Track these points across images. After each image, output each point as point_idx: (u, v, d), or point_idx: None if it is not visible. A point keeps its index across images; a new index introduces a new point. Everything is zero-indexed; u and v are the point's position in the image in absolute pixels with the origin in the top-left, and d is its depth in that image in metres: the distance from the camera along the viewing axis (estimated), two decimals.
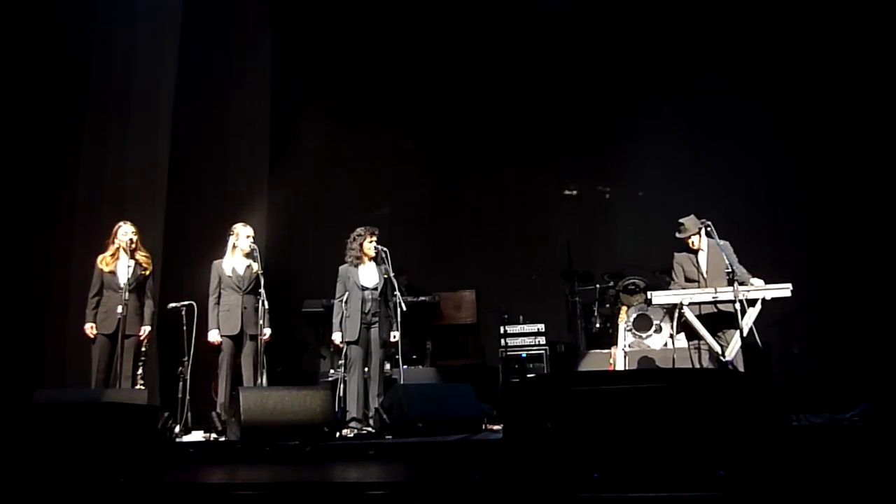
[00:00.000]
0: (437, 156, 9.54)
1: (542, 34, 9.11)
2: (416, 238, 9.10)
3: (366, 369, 5.63)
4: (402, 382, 5.81)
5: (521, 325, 7.28)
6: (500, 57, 9.27)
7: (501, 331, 7.21)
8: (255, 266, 5.73)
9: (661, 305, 5.56)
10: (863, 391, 5.22)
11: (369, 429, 5.40)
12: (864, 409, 4.74)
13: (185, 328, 5.65)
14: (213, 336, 5.60)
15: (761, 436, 2.81)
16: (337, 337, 5.65)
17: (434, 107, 9.45)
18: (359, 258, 5.74)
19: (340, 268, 5.77)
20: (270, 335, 5.69)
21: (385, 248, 5.79)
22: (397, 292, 5.68)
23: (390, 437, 5.05)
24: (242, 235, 5.80)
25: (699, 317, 5.29)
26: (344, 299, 5.63)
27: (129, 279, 5.52)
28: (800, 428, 4.10)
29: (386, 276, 5.73)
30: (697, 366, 5.35)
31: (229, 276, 5.69)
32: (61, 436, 3.32)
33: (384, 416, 5.23)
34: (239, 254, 5.78)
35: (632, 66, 8.92)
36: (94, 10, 7.12)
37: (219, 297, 5.66)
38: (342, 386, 5.89)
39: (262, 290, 5.60)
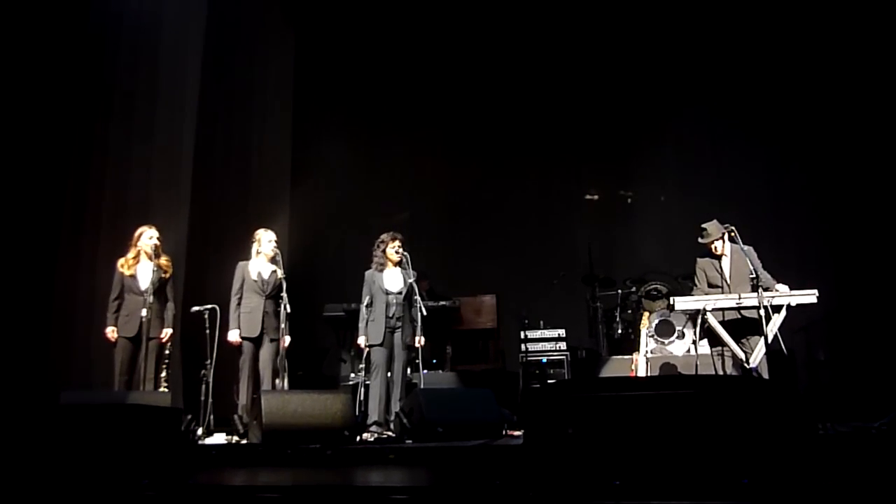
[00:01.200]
0: (458, 161, 9.53)
1: (563, 40, 9.09)
2: (437, 243, 9.11)
3: (388, 373, 5.66)
4: (422, 387, 5.81)
5: (542, 331, 7.25)
6: (521, 62, 9.26)
7: (522, 336, 7.18)
8: (280, 272, 5.77)
9: (683, 311, 5.50)
10: (891, 400, 5.12)
11: (389, 433, 5.41)
12: (892, 418, 4.65)
13: (208, 331, 5.70)
14: (233, 336, 5.64)
15: (786, 444, 2.77)
16: (363, 341, 5.69)
17: (455, 112, 9.46)
18: (383, 264, 5.78)
19: (366, 273, 5.82)
20: (290, 342, 5.70)
21: (406, 254, 5.82)
22: (417, 296, 5.71)
23: (410, 441, 5.05)
24: (265, 240, 5.84)
25: (723, 323, 5.23)
26: (366, 303, 5.68)
27: (152, 282, 5.59)
28: (826, 437, 4.03)
29: (409, 280, 5.76)
30: (721, 372, 5.28)
31: (254, 280, 5.74)
32: (87, 436, 3.37)
33: (404, 421, 5.23)
34: (263, 258, 5.83)
35: (655, 72, 8.86)
36: (119, 14, 7.25)
37: (241, 298, 5.71)
38: (363, 390, 5.92)
39: (284, 295, 5.63)
